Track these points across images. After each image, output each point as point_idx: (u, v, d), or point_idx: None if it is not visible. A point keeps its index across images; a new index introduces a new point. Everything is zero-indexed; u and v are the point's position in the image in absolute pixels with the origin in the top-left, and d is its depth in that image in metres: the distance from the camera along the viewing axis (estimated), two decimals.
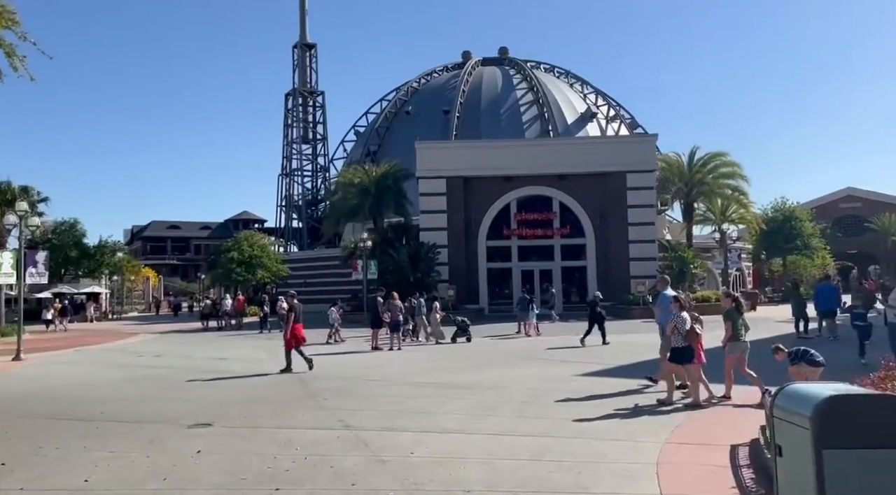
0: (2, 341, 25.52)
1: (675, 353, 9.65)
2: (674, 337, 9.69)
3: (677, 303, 10.09)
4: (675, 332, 9.64)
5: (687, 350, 9.58)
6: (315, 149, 68.30)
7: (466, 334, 21.48)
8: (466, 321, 21.98)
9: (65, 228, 47.11)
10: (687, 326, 9.60)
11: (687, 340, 9.57)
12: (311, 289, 53.38)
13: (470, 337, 21.54)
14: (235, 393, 11.71)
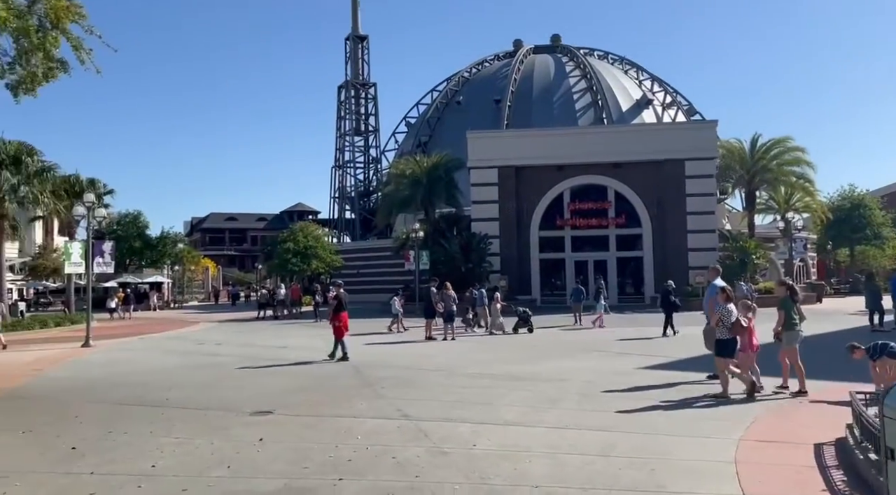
0: (72, 328, 26.62)
1: (719, 346, 9.35)
2: (718, 329, 9.35)
3: (723, 293, 9.75)
4: (720, 324, 9.29)
5: (731, 342, 9.28)
6: (367, 141, 68.84)
7: (528, 325, 21.18)
8: (528, 312, 21.65)
9: (129, 220, 48.81)
10: (732, 318, 9.29)
11: (732, 332, 9.24)
12: (364, 280, 54.00)
13: (532, 327, 21.22)
14: (295, 382, 11.80)
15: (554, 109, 57.53)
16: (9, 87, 11.19)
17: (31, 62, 10.71)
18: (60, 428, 8.04)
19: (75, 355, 17.29)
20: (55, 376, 13.15)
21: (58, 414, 9.05)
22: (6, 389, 11.40)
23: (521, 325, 21.22)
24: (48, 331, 25.76)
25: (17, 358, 16.65)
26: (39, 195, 26.89)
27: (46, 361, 15.82)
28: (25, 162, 26.32)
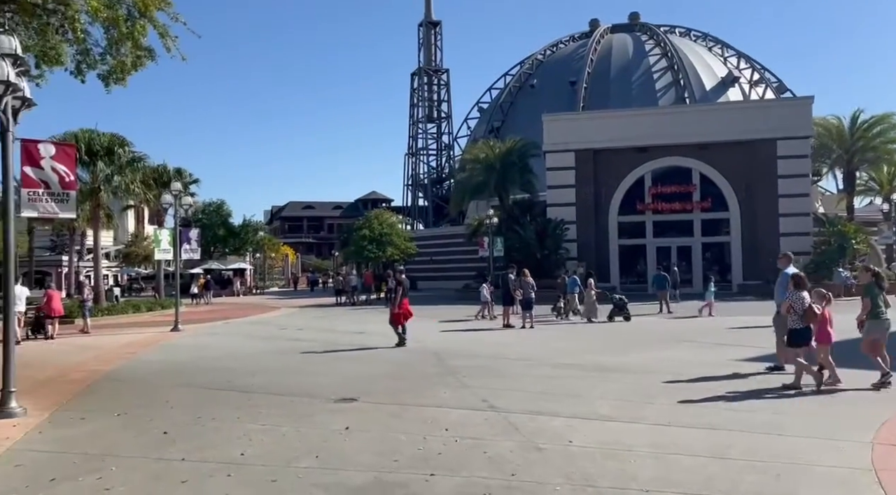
0: (162, 313, 27.78)
1: (792, 335, 8.96)
2: (790, 317, 8.91)
3: (794, 281, 9.21)
4: (791, 312, 8.87)
5: (804, 331, 8.87)
6: (439, 128, 68.75)
7: (624, 312, 20.39)
8: (624, 299, 20.84)
9: (213, 208, 50.62)
10: (804, 305, 8.77)
11: (805, 320, 8.81)
12: (437, 267, 54.11)
13: (629, 315, 20.43)
14: (376, 368, 11.67)
15: (632, 90, 55.50)
16: (100, 78, 11.46)
17: (121, 52, 10.92)
18: (152, 412, 8.14)
19: (165, 339, 17.90)
20: (147, 359, 13.57)
21: (150, 397, 9.22)
22: (103, 371, 11.80)
23: (617, 313, 20.44)
24: (140, 316, 26.97)
25: (112, 341, 17.38)
26: (130, 184, 28.11)
27: (139, 344, 16.42)
28: (118, 153, 27.55)
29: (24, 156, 8.26)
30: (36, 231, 43.59)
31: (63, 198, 8.64)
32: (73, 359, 13.67)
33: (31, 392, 9.60)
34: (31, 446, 6.51)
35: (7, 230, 8.02)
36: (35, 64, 11.52)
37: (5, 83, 7.47)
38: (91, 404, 8.74)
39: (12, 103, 7.91)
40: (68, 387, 10.13)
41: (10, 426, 7.40)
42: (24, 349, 15.47)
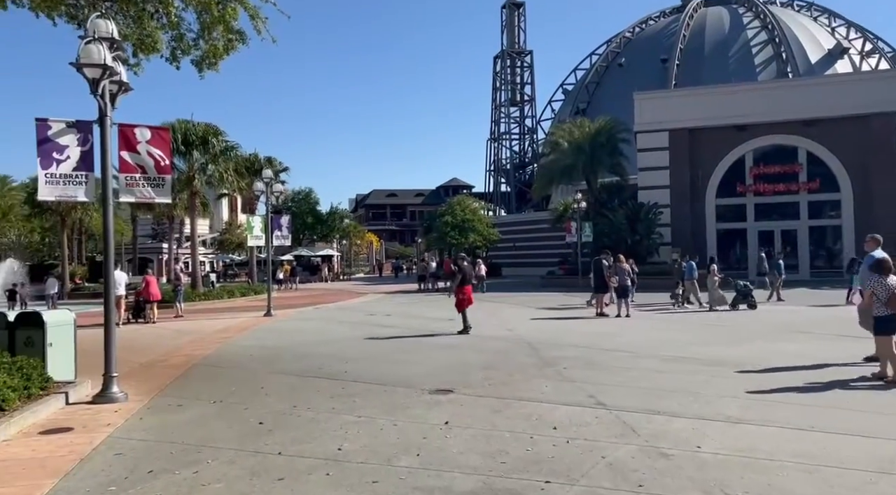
0: (255, 298, 28.55)
1: (878, 323, 8.45)
2: (874, 305, 8.42)
3: (878, 265, 8.49)
4: (874, 299, 8.40)
5: (890, 318, 8.34)
6: (523, 112, 67.53)
7: (748, 300, 19.05)
8: (749, 285, 19.41)
9: (301, 197, 51.85)
10: (888, 292, 8.32)
11: (890, 307, 8.29)
12: (521, 253, 53.30)
13: (754, 303, 19.08)
14: (468, 357, 11.21)
15: (729, 65, 52.33)
16: (194, 63, 11.46)
17: (213, 36, 10.84)
18: (247, 400, 7.99)
19: (259, 324, 18.17)
20: (242, 344, 13.69)
21: (245, 384, 9.12)
22: (200, 356, 11.94)
23: (741, 301, 19.08)
24: (234, 301, 27.81)
25: (209, 325, 17.80)
26: (224, 173, 28.94)
27: (234, 329, 16.71)
28: (211, 142, 28.39)
29: (121, 141, 8.27)
30: (139, 220, 46.02)
31: (159, 182, 8.62)
32: (171, 344, 13.99)
33: (133, 376, 9.75)
34: (131, 434, 6.43)
35: (106, 215, 8.05)
36: (132, 52, 11.69)
37: (102, 67, 7.42)
38: (188, 390, 8.72)
39: (109, 88, 7.89)
40: (167, 372, 10.24)
41: (112, 411, 7.41)
42: (126, 333, 16.08)
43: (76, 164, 7.89)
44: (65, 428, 6.65)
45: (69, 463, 5.42)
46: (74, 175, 7.91)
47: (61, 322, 9.00)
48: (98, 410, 7.45)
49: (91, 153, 8.01)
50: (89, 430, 6.57)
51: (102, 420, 6.98)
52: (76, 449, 5.88)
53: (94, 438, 6.22)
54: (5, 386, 6.66)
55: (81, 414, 7.29)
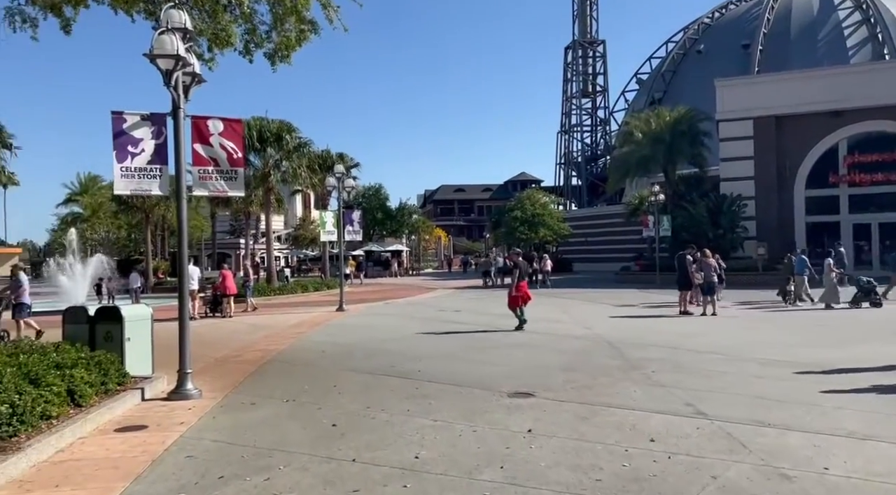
0: (327, 292, 28.81)
1: None
2: None
3: None
4: None
5: None
6: (595, 103, 65.82)
7: (871, 297, 17.64)
8: (873, 281, 17.98)
9: (371, 192, 52.28)
10: None
11: None
12: (593, 248, 51.97)
13: (878, 301, 17.63)
14: (546, 357, 10.65)
15: (818, 50, 49.20)
16: (266, 56, 11.37)
17: (285, 27, 10.70)
18: (321, 399, 7.73)
19: (332, 319, 18.15)
20: (315, 340, 13.59)
21: (317, 382, 8.90)
22: (274, 351, 11.87)
23: (863, 298, 17.67)
24: (308, 295, 28.14)
25: (283, 320, 17.91)
26: (297, 169, 29.30)
27: (307, 324, 16.71)
28: (285, 139, 28.77)
29: (194, 134, 8.17)
30: (217, 216, 47.50)
31: (232, 175, 8.48)
32: (245, 339, 14.05)
33: (208, 371, 9.71)
34: (203, 434, 6.24)
35: (180, 209, 7.96)
36: (207, 47, 11.71)
37: (175, 57, 7.30)
38: (261, 388, 8.55)
39: (183, 79, 7.77)
40: (241, 368, 10.16)
41: (186, 408, 7.29)
42: (203, 327, 16.34)
43: (150, 158, 7.83)
44: (139, 425, 6.54)
45: (141, 465, 5.25)
46: (149, 168, 7.85)
47: (139, 316, 9.02)
48: (172, 407, 7.35)
49: (165, 146, 7.93)
50: (163, 429, 6.44)
51: (176, 418, 6.85)
52: (149, 449, 5.72)
53: (166, 438, 6.06)
54: (83, 382, 6.62)
55: (156, 411, 7.21)
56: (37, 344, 7.35)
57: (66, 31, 11.13)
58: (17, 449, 5.07)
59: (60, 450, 5.56)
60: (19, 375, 5.84)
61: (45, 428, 5.72)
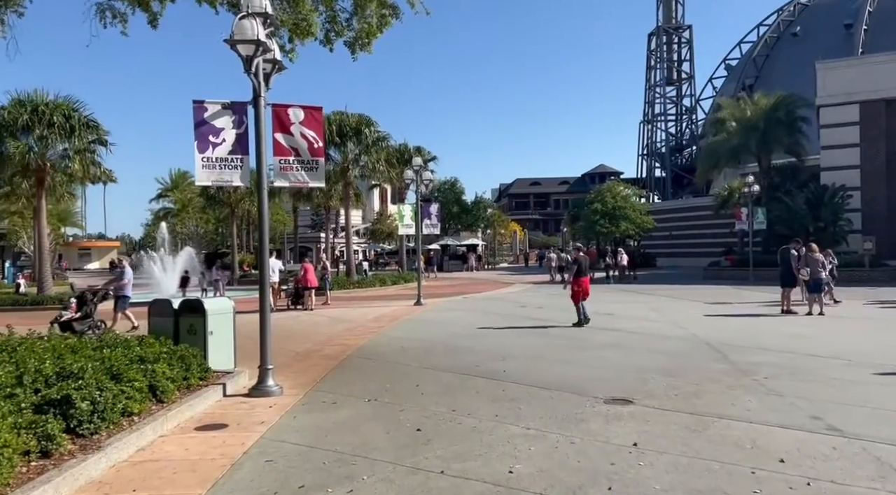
0: (405, 286, 28.72)
1: None
2: None
3: None
4: None
5: None
6: (680, 91, 63.09)
7: None
8: None
9: (447, 186, 52.03)
10: None
11: None
12: (677, 242, 49.84)
13: None
14: (642, 359, 9.89)
15: None
16: (346, 45, 11.12)
17: (366, 13, 10.39)
18: (403, 400, 7.34)
19: (410, 313, 17.88)
20: (394, 335, 13.29)
21: (399, 380, 8.53)
22: (355, 346, 11.64)
23: None
24: (385, 289, 28.13)
25: (362, 314, 17.79)
26: (376, 163, 29.30)
27: (386, 319, 16.49)
28: (364, 133, 28.82)
29: (274, 123, 7.94)
30: (299, 211, 48.58)
31: (312, 165, 8.20)
32: (326, 332, 13.94)
33: (289, 366, 9.54)
34: (284, 436, 5.94)
35: (261, 200, 7.73)
36: (288, 38, 11.57)
37: (256, 43, 7.04)
38: (343, 385, 8.26)
39: (263, 66, 7.53)
40: (322, 363, 9.94)
41: (267, 406, 7.06)
42: (285, 320, 16.41)
43: (231, 147, 7.64)
44: (219, 424, 6.33)
45: (219, 470, 4.98)
46: (230, 158, 7.67)
47: (222, 310, 8.92)
48: (253, 405, 7.13)
49: (245, 135, 7.73)
50: (243, 428, 6.20)
51: (256, 416, 6.61)
52: (228, 451, 5.46)
53: (246, 439, 5.80)
54: (164, 378, 6.48)
55: (237, 408, 7.01)
56: (121, 337, 7.31)
57: (152, 26, 11.22)
58: (97, 449, 4.91)
59: (141, 449, 5.39)
60: (101, 370, 5.72)
61: (126, 425, 5.57)
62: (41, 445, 4.55)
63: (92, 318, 14.05)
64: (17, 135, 21.88)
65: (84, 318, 13.94)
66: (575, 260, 14.75)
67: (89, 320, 13.93)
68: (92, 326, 13.79)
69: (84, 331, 12.94)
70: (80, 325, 13.73)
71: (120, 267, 15.89)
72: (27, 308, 20.90)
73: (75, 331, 13.30)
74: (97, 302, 14.54)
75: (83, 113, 22.87)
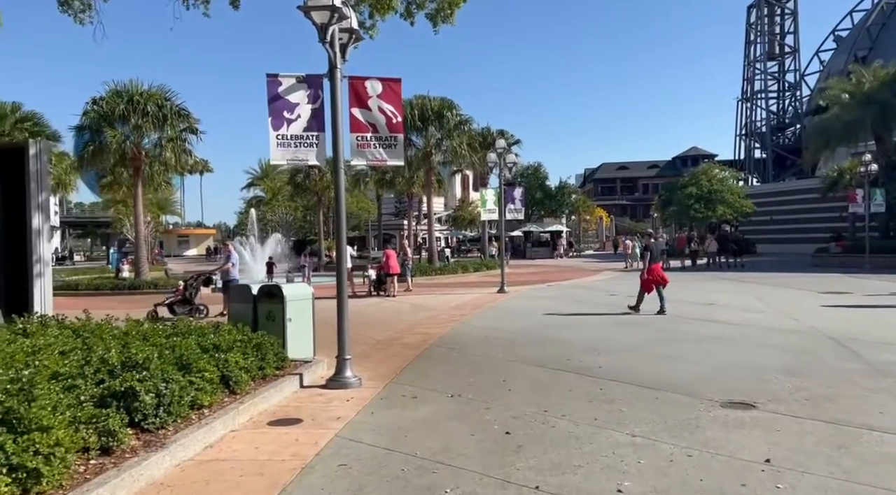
0: (487, 273, 28.09)
1: None
2: None
3: None
4: None
5: None
6: (782, 66, 58.84)
7: None
8: None
9: (530, 172, 50.87)
10: None
11: None
12: (780, 227, 46.71)
13: None
14: (754, 355, 8.81)
15: None
16: (428, 17, 10.56)
17: None
18: (489, 397, 6.70)
19: (493, 301, 17.23)
20: (477, 324, 12.68)
21: (484, 374, 7.89)
22: (436, 336, 11.12)
23: None
24: (467, 276, 27.61)
25: (444, 301, 17.30)
26: (458, 148, 28.67)
27: (469, 306, 15.92)
28: (446, 117, 28.24)
29: (351, 96, 7.42)
30: (382, 198, 48.79)
31: (391, 142, 7.65)
32: (408, 319, 13.51)
33: (369, 355, 9.11)
34: (360, 435, 5.43)
35: (338, 182, 7.26)
36: (368, 13, 11.11)
37: (331, 9, 6.52)
38: (423, 378, 7.71)
39: (339, 36, 7.01)
40: (403, 353, 9.46)
41: (344, 400, 6.60)
42: (366, 306, 16.15)
43: (307, 124, 7.20)
44: (294, 419, 5.91)
45: (288, 474, 4.51)
46: (305, 136, 7.23)
47: (301, 296, 8.57)
48: (330, 398, 6.70)
49: (321, 111, 7.26)
50: (318, 424, 5.74)
51: (333, 411, 6.16)
52: (300, 451, 5.00)
53: (320, 437, 5.33)
54: (238, 368, 6.12)
55: (313, 401, 6.59)
56: (195, 325, 7.05)
57: (234, 6, 11.03)
58: (161, 446, 4.55)
59: (209, 446, 5.02)
60: (170, 361, 5.40)
61: (195, 418, 5.22)
62: (101, 441, 4.22)
63: (192, 303, 14.35)
64: (115, 124, 22.75)
65: (184, 302, 14.31)
66: (646, 246, 14.27)
67: (189, 305, 14.24)
68: (193, 310, 14.09)
69: (184, 315, 13.30)
70: (180, 309, 14.15)
71: (226, 251, 16.18)
72: (125, 292, 21.77)
73: (176, 313, 13.70)
74: (197, 286, 14.82)
75: (175, 102, 23.51)
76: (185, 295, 14.50)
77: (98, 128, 22.83)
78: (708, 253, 32.06)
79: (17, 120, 28.55)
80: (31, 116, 29.65)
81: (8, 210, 8.45)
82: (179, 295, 14.57)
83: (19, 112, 29.15)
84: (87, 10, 10.77)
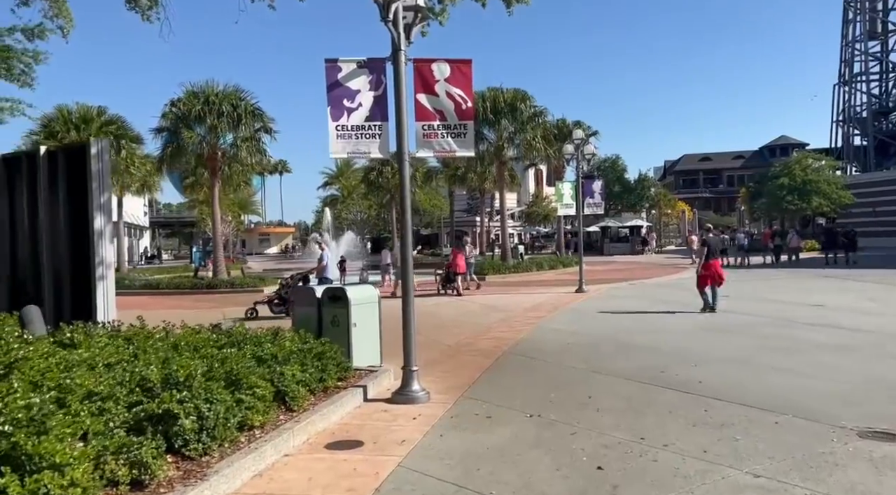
0: (563, 271, 26.98)
1: None
2: None
3: None
4: None
5: None
6: (885, 45, 54.29)
7: None
8: None
9: (608, 164, 49.09)
10: None
11: None
12: (884, 220, 43.15)
13: None
14: (890, 368, 7.58)
15: None
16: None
17: None
18: (573, 418, 5.87)
19: (571, 301, 16.25)
20: (555, 328, 11.80)
21: (566, 389, 7.04)
22: (510, 341, 10.32)
23: None
24: (543, 274, 26.60)
25: (518, 301, 16.46)
26: (532, 141, 27.63)
27: (545, 308, 15.01)
28: (520, 109, 27.24)
29: (417, 81, 6.72)
30: (455, 195, 48.27)
31: (460, 131, 6.92)
32: (479, 322, 12.77)
33: (438, 364, 8.43)
34: (426, 465, 4.74)
35: (403, 175, 6.60)
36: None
37: None
38: (498, 392, 6.95)
39: (403, 15, 6.34)
40: (474, 361, 8.72)
41: (410, 418, 5.93)
42: (435, 306, 15.54)
43: (368, 113, 6.58)
44: (354, 441, 5.29)
45: None
46: (367, 126, 6.61)
47: (366, 299, 7.99)
48: (394, 415, 6.05)
49: (385, 98, 6.62)
50: (379, 449, 5.10)
51: (397, 432, 5.50)
52: (357, 484, 4.35)
53: (381, 466, 4.68)
54: (294, 381, 5.56)
55: (376, 419, 5.96)
56: (251, 333, 6.56)
57: None
58: (201, 477, 4.00)
59: (257, 475, 4.45)
60: (219, 376, 4.87)
61: (244, 441, 4.67)
62: (132, 474, 3.70)
63: (285, 304, 14.31)
64: (192, 125, 23.11)
65: (282, 302, 14.44)
66: (704, 242, 13.75)
67: (285, 304, 14.27)
68: (286, 310, 14.07)
69: (282, 313, 13.98)
70: (276, 308, 14.47)
71: (320, 250, 16.17)
72: (203, 290, 22.08)
73: (274, 312, 14.37)
74: (294, 285, 14.77)
75: (249, 101, 23.66)
76: (281, 293, 14.69)
77: (176, 129, 23.28)
78: (790, 248, 30.11)
79: (102, 123, 29.65)
80: (116, 120, 30.74)
81: (73, 212, 8.27)
82: (276, 294, 15.05)
83: (104, 116, 30.27)
84: (154, 6, 10.60)
